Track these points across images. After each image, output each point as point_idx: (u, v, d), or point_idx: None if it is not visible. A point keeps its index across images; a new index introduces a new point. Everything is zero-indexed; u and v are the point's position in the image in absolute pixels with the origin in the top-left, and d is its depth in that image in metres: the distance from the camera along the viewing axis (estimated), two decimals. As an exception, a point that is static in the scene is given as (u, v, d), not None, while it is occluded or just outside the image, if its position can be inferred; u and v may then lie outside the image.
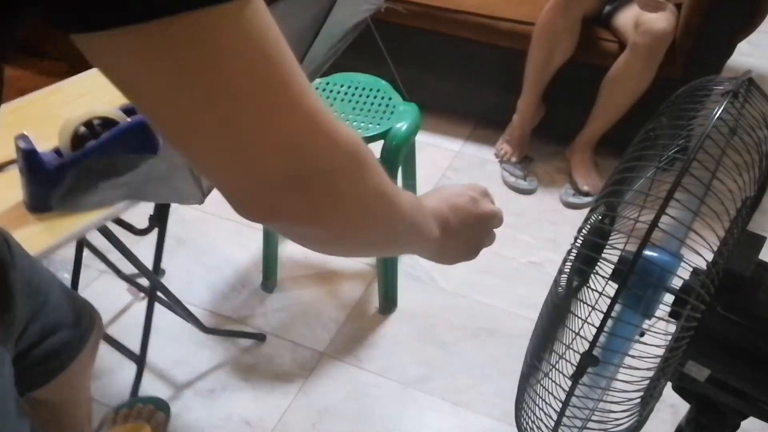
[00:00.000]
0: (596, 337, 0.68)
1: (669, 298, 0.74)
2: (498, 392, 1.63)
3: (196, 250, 2.00)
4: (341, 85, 1.74)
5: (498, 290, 1.90)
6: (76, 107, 1.24)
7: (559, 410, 0.75)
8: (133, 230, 1.42)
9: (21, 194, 1.17)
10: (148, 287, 1.60)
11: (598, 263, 0.79)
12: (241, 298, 1.86)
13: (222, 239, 2.02)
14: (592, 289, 0.78)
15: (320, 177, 0.45)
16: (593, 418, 0.78)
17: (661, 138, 0.82)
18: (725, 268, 0.73)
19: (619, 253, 0.78)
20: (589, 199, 2.19)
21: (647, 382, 0.73)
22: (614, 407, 0.76)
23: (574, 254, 0.82)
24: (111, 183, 1.15)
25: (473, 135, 2.50)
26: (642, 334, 0.75)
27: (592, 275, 0.81)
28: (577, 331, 0.73)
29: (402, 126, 1.60)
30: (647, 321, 0.77)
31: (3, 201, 1.18)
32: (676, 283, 0.75)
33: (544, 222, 2.14)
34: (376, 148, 1.59)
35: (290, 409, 1.59)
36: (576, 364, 0.70)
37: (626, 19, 2.06)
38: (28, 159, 1.13)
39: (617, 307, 0.70)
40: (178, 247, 2.00)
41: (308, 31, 1.16)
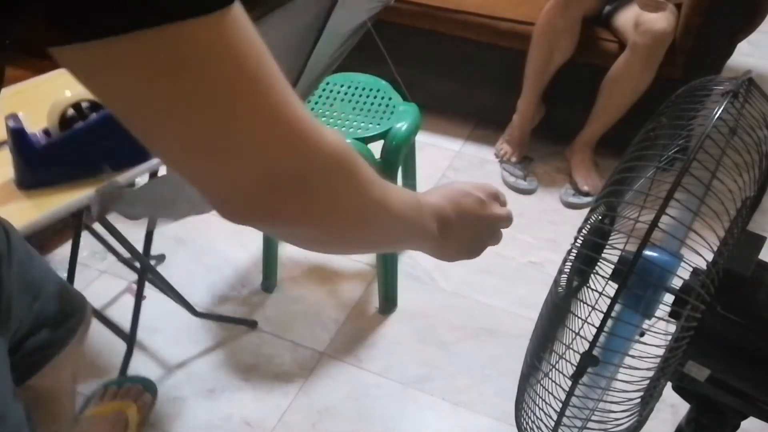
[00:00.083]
0: (596, 337, 0.68)
1: (669, 298, 0.75)
2: (498, 392, 1.63)
3: (196, 250, 2.00)
4: (341, 85, 1.74)
5: (498, 290, 1.90)
6: (81, 91, 1.27)
7: (559, 410, 0.75)
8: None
9: (11, 172, 1.23)
10: (139, 269, 1.63)
11: (598, 263, 0.79)
12: (241, 298, 1.86)
13: (222, 239, 2.02)
14: (592, 289, 0.78)
15: (300, 182, 0.46)
16: (593, 418, 0.78)
17: (661, 138, 0.82)
18: (725, 268, 0.73)
19: (619, 253, 0.78)
20: (589, 199, 2.19)
21: (647, 382, 0.73)
22: (614, 407, 0.76)
23: (574, 254, 0.82)
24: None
25: (473, 135, 2.50)
26: (642, 334, 0.75)
27: (592, 275, 0.81)
28: (577, 331, 0.73)
29: (402, 126, 1.60)
30: (647, 321, 0.77)
31: (-5, 178, 1.23)
32: (676, 283, 0.75)
33: (544, 222, 2.14)
34: (376, 148, 1.59)
35: (290, 409, 1.59)
36: (576, 364, 0.70)
37: (626, 19, 2.06)
38: (16, 138, 1.18)
39: (617, 307, 0.70)
40: (178, 247, 2.00)
41: (309, 35, 1.16)
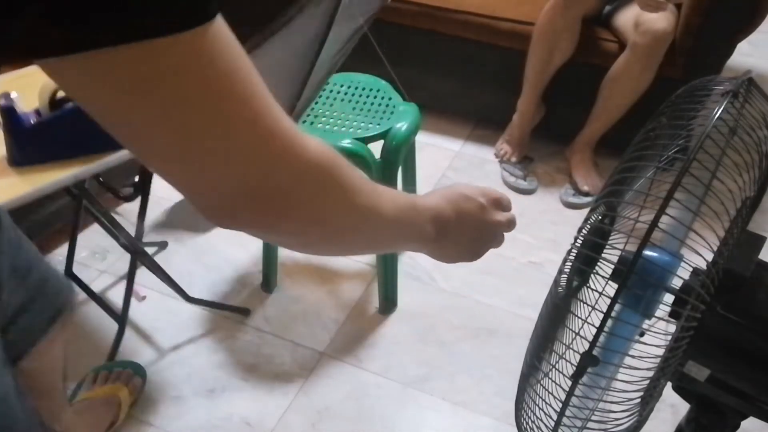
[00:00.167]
0: (596, 337, 0.68)
1: (669, 298, 0.75)
2: (498, 392, 1.63)
3: (196, 250, 2.00)
4: (341, 85, 1.74)
5: (498, 290, 1.90)
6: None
7: (559, 410, 0.75)
8: (118, 195, 1.44)
9: (3, 150, 1.26)
10: (131, 253, 1.64)
11: (598, 263, 0.79)
12: (241, 298, 1.86)
13: (222, 239, 2.02)
14: (592, 289, 0.78)
15: (280, 190, 0.47)
16: (593, 418, 0.78)
17: (661, 138, 0.82)
18: (725, 268, 0.73)
19: (619, 253, 0.78)
20: (589, 199, 2.19)
21: (647, 382, 0.73)
22: (614, 407, 0.76)
23: (574, 254, 0.82)
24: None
25: (473, 135, 2.50)
26: (642, 334, 0.75)
27: (592, 275, 0.81)
28: (577, 331, 0.73)
29: (402, 126, 1.60)
30: (647, 321, 0.78)
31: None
32: (676, 283, 0.75)
33: (544, 222, 2.14)
34: (376, 148, 1.59)
35: (290, 409, 1.59)
36: (576, 364, 0.70)
37: (626, 19, 2.06)
38: (6, 116, 1.21)
39: (617, 307, 0.70)
40: (178, 247, 2.00)
41: (312, 45, 1.16)
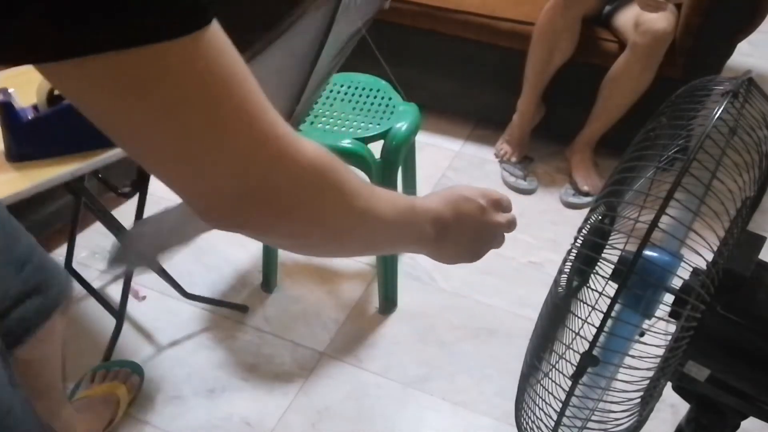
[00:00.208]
0: (596, 337, 0.68)
1: (669, 298, 0.75)
2: (498, 392, 1.63)
3: (196, 250, 2.00)
4: (341, 85, 1.74)
5: (498, 290, 1.90)
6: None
7: (559, 410, 0.74)
8: (116, 192, 1.43)
9: (1, 145, 1.28)
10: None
11: (598, 263, 0.79)
12: (241, 298, 1.86)
13: (222, 239, 2.02)
14: (592, 289, 0.78)
15: (276, 193, 0.48)
16: (593, 418, 0.78)
17: (661, 138, 0.82)
18: (725, 268, 0.73)
19: (619, 253, 0.78)
20: (589, 199, 2.19)
21: (647, 382, 0.73)
22: (614, 407, 0.76)
23: (574, 254, 0.82)
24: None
25: (473, 135, 2.50)
26: (642, 334, 0.75)
27: (592, 275, 0.81)
28: (577, 331, 0.73)
29: (402, 126, 1.60)
30: (647, 321, 0.77)
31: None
32: (676, 283, 0.75)
33: (544, 222, 2.14)
34: (376, 148, 1.59)
35: (290, 409, 1.59)
36: (576, 364, 0.70)
37: (626, 19, 2.06)
38: (3, 111, 1.22)
39: (617, 307, 0.70)
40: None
41: (312, 49, 1.16)
